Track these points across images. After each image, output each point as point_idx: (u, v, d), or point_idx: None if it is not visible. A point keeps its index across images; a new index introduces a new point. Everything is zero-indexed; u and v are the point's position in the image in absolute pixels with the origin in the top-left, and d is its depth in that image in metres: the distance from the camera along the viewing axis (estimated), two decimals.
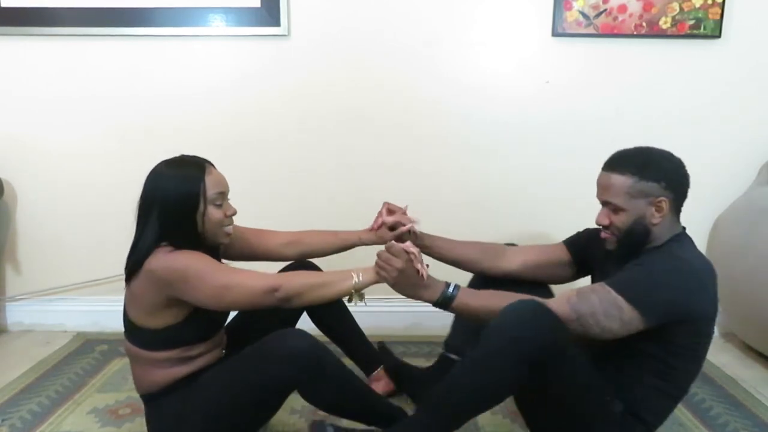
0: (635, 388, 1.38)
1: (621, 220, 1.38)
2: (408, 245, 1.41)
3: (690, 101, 2.31)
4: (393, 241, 1.43)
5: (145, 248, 1.35)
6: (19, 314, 2.49)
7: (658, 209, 1.36)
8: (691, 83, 2.30)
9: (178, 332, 1.40)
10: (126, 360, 2.14)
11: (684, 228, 1.43)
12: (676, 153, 1.42)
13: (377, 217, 1.72)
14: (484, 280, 1.69)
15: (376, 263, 1.40)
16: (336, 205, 2.37)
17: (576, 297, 1.32)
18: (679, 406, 1.54)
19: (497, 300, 1.36)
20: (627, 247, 1.40)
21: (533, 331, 1.22)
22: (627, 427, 1.38)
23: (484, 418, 1.77)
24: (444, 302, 1.41)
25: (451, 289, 1.40)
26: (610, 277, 1.35)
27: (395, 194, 1.80)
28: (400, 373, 1.81)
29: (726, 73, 2.29)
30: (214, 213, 1.40)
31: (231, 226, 1.47)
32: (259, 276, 1.38)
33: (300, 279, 1.42)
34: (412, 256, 1.38)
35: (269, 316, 1.56)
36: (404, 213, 1.71)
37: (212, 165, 1.45)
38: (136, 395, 1.85)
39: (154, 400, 1.46)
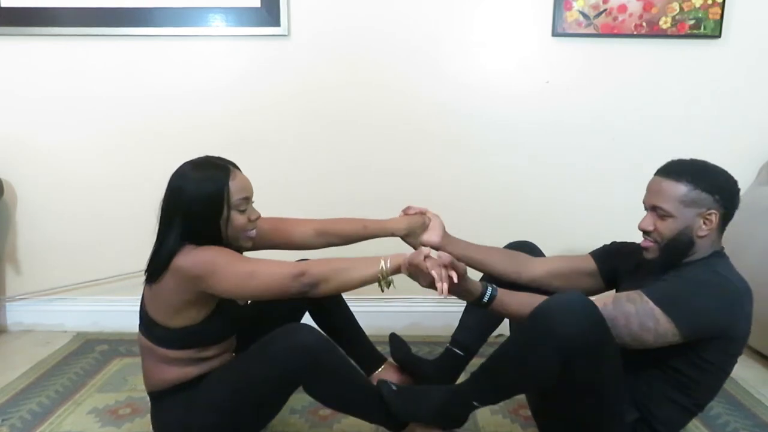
0: (654, 399, 1.36)
1: (667, 227, 1.34)
2: (436, 261, 1.32)
3: (690, 101, 2.31)
4: (419, 261, 1.32)
5: (168, 249, 1.36)
6: (19, 314, 2.48)
7: (707, 222, 1.33)
8: (691, 83, 2.30)
9: (194, 333, 1.41)
10: (126, 360, 2.15)
11: (723, 248, 1.40)
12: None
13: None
14: (499, 284, 1.66)
15: (406, 270, 1.35)
16: (336, 205, 2.36)
17: (612, 304, 1.29)
18: None
19: (534, 303, 1.32)
20: (667, 257, 1.37)
21: (578, 327, 1.19)
22: None
23: (484, 419, 1.77)
24: (480, 305, 1.39)
25: (486, 298, 1.37)
26: (645, 287, 1.32)
27: (394, 194, 1.81)
28: (410, 365, 1.79)
29: (726, 73, 2.29)
30: (237, 218, 1.41)
31: (254, 231, 1.47)
32: (284, 263, 1.37)
33: (325, 264, 1.38)
34: (435, 275, 1.30)
35: (276, 318, 1.56)
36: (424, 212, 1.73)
37: (237, 168, 1.45)
38: (136, 395, 1.88)
39: (162, 398, 1.46)
